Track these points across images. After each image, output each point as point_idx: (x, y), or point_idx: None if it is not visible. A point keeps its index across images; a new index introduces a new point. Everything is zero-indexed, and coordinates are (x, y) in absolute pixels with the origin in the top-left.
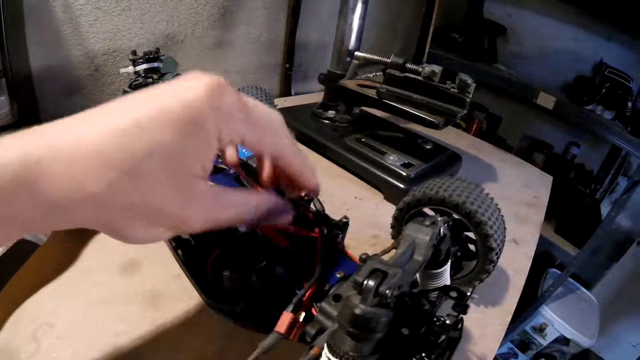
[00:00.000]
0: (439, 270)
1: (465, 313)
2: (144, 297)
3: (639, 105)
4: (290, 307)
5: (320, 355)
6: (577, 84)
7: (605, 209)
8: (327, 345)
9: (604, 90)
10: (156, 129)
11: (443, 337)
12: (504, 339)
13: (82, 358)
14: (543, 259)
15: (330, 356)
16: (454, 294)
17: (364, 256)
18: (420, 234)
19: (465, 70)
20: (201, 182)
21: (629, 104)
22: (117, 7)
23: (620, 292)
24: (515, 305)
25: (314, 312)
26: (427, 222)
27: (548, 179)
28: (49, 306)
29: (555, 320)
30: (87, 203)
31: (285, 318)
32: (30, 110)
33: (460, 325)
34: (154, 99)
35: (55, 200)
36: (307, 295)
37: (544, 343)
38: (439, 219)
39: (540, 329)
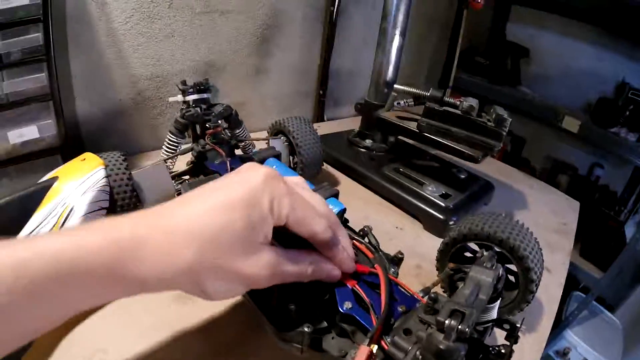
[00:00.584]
0: (493, 305)
1: (516, 342)
2: (199, 325)
3: None
4: (366, 341)
5: None
6: (600, 106)
7: (629, 230)
8: None
9: (627, 113)
10: (228, 209)
11: None
12: None
13: None
14: (567, 282)
15: None
16: (506, 326)
17: (432, 295)
18: (484, 276)
19: (491, 93)
20: (265, 247)
21: None
22: (161, 34)
23: None
24: (550, 331)
25: (384, 346)
26: (489, 265)
27: (575, 205)
28: (102, 333)
29: (579, 344)
30: (181, 271)
31: (364, 351)
32: (74, 133)
33: (510, 354)
34: (227, 188)
35: (149, 277)
36: (378, 330)
37: None
38: (498, 265)
39: (564, 353)
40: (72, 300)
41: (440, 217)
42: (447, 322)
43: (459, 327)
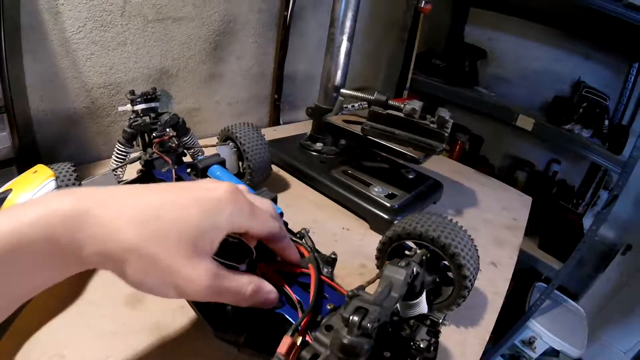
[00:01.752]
0: (416, 301)
1: (437, 338)
2: (150, 328)
3: (617, 118)
4: (290, 332)
5: None
6: (556, 104)
7: (588, 222)
8: None
9: (581, 110)
10: (187, 207)
11: (419, 358)
12: (494, 354)
13: None
14: (529, 274)
15: None
16: (427, 321)
17: (350, 293)
18: (397, 275)
19: (447, 94)
20: (207, 257)
21: (606, 122)
22: (113, 42)
23: (607, 301)
24: (493, 325)
25: (309, 340)
26: (402, 264)
27: (527, 200)
28: (59, 338)
29: (544, 333)
30: (120, 250)
31: (286, 341)
32: (29, 144)
33: (434, 348)
34: (191, 191)
35: (88, 250)
36: (303, 323)
37: (534, 356)
38: (413, 260)
39: (530, 342)
40: (17, 281)
41: (385, 217)
42: (350, 317)
43: (362, 322)
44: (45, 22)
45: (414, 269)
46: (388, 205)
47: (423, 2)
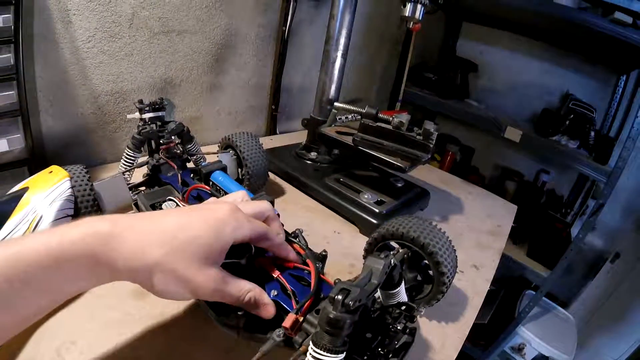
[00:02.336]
0: (395, 290)
1: (413, 322)
2: (155, 317)
3: (605, 129)
4: (295, 310)
5: (307, 351)
6: (544, 117)
7: (576, 231)
8: (312, 342)
9: (567, 122)
10: (198, 228)
11: (400, 341)
12: None
13: None
14: (519, 282)
15: (315, 348)
16: (404, 307)
17: (336, 280)
18: (376, 264)
19: (438, 106)
20: (216, 266)
21: (592, 134)
22: (121, 52)
23: (597, 308)
24: (473, 320)
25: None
26: (382, 256)
27: (512, 208)
28: (69, 327)
29: (533, 340)
30: (147, 267)
31: (290, 317)
32: (39, 146)
33: (412, 333)
34: (200, 213)
35: (120, 266)
36: (307, 304)
37: None
38: (392, 253)
39: (519, 349)
40: (60, 285)
41: (374, 221)
42: (335, 297)
43: (345, 300)
44: (57, 31)
45: (392, 261)
46: (377, 210)
47: (412, 23)
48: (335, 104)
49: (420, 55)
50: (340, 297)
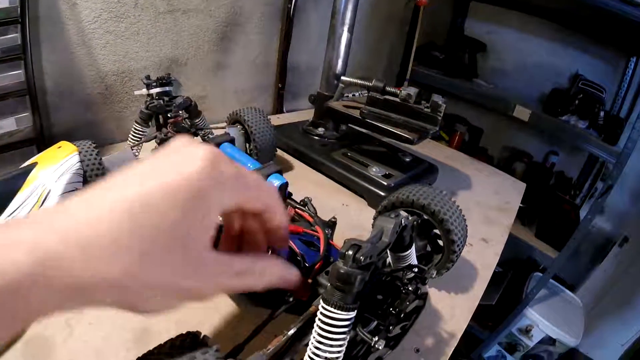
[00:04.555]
0: (405, 253)
1: (424, 283)
2: None
3: (615, 111)
4: (304, 273)
5: (317, 311)
6: (553, 96)
7: (584, 214)
8: (322, 299)
9: (577, 102)
10: (163, 207)
11: (412, 303)
12: (492, 342)
13: (111, 340)
14: (527, 264)
15: (325, 306)
16: (415, 269)
17: (346, 239)
18: (387, 223)
19: (446, 86)
20: (206, 252)
21: (602, 114)
22: (127, 32)
23: (604, 293)
24: (482, 292)
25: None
26: (392, 215)
27: (521, 186)
28: None
29: (540, 321)
30: (103, 287)
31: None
32: (47, 125)
33: (423, 296)
34: (158, 175)
35: (73, 286)
36: (317, 266)
37: (531, 344)
38: (402, 212)
39: (526, 331)
40: (23, 310)
41: (381, 193)
42: (346, 252)
43: (355, 255)
44: (62, 12)
45: (402, 220)
46: (384, 183)
47: None
48: (343, 77)
49: (429, 35)
50: (351, 252)
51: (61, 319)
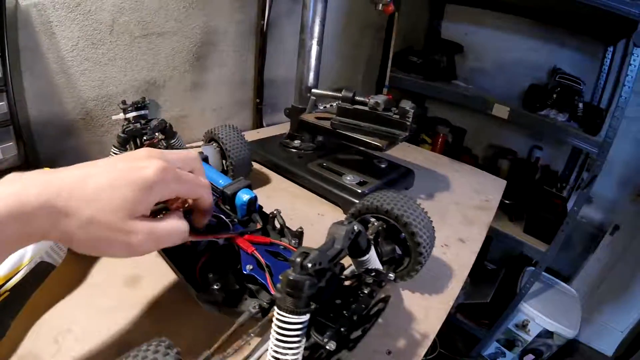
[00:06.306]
0: (364, 258)
1: (381, 287)
2: (146, 303)
3: (596, 101)
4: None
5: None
6: (531, 92)
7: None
8: (276, 304)
9: (555, 95)
10: (122, 189)
11: (369, 305)
12: (489, 340)
13: (97, 356)
14: (519, 260)
15: (279, 311)
16: (373, 273)
17: (299, 248)
18: (339, 231)
19: (425, 89)
20: (139, 220)
21: (580, 105)
22: (104, 58)
23: (600, 282)
24: (457, 293)
25: None
26: (346, 223)
27: (501, 183)
28: (67, 316)
29: (536, 315)
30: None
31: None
32: (32, 153)
33: (386, 299)
34: (125, 171)
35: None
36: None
37: (529, 339)
38: (354, 220)
39: (523, 325)
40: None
41: (355, 201)
42: (295, 259)
43: (303, 262)
44: (41, 42)
45: (355, 227)
46: (359, 191)
47: (381, 5)
48: (313, 90)
49: (407, 40)
50: (299, 259)
51: (49, 337)
